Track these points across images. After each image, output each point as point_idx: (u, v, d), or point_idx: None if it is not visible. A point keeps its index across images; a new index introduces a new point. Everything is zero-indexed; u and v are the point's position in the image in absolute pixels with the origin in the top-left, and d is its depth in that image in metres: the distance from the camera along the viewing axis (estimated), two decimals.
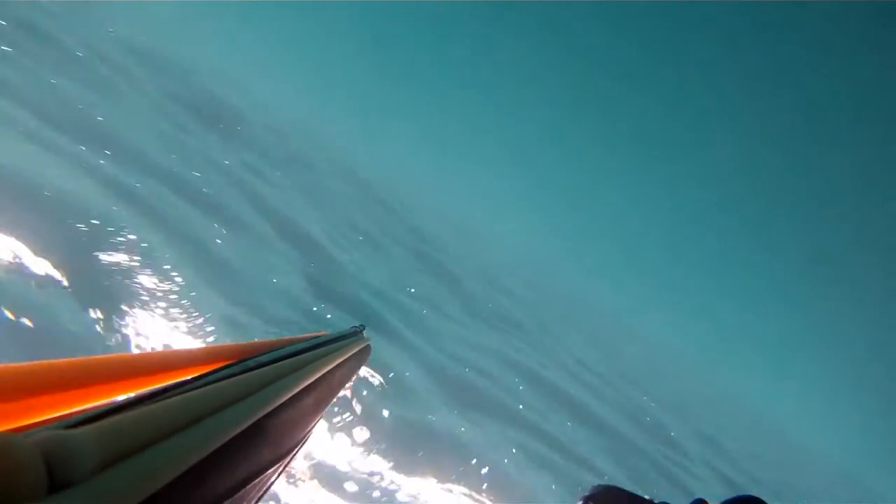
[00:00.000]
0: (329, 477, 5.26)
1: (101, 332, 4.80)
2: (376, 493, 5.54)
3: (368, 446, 5.88)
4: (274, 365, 0.67)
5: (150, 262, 5.99)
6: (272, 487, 0.71)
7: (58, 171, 6.57)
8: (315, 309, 8.05)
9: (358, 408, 6.26)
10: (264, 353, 0.72)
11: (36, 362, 0.42)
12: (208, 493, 0.46)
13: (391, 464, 5.90)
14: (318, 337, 0.98)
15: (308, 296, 8.36)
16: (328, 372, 0.86)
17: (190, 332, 5.52)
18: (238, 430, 0.50)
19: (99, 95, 10.70)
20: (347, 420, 5.99)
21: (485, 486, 6.62)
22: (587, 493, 0.68)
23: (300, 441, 0.79)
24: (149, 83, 14.50)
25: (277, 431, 0.64)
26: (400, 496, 5.69)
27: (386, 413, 6.54)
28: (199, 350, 0.65)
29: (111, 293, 5.24)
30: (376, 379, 6.93)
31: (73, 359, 0.46)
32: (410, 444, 6.36)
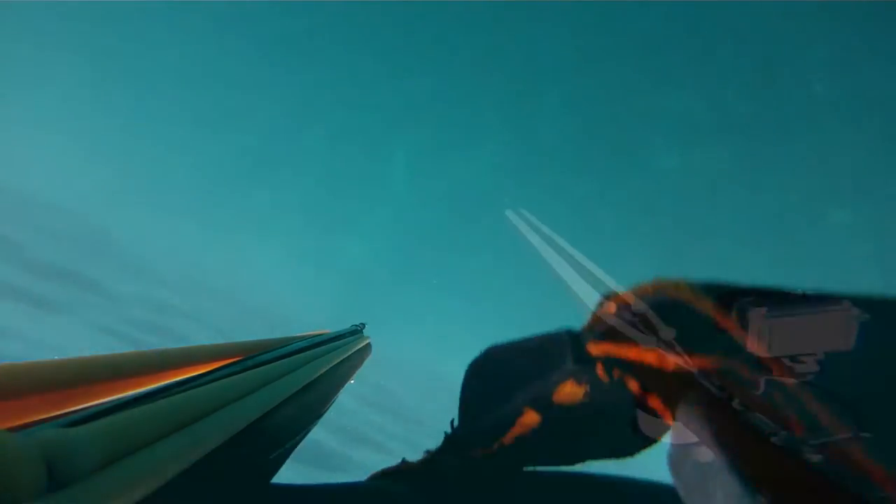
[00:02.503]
0: None
1: None
2: None
3: None
4: (274, 363, 0.67)
5: None
6: None
7: None
8: None
9: None
10: (264, 352, 0.71)
11: (36, 361, 0.42)
12: (208, 492, 0.46)
13: None
14: (319, 335, 0.97)
15: None
16: (329, 370, 0.86)
17: None
18: (238, 428, 0.50)
19: None
20: None
21: None
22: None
23: (299, 440, 0.79)
24: None
25: (277, 430, 0.64)
26: None
27: None
28: (199, 348, 0.65)
29: None
30: None
31: (73, 358, 0.46)
32: None
